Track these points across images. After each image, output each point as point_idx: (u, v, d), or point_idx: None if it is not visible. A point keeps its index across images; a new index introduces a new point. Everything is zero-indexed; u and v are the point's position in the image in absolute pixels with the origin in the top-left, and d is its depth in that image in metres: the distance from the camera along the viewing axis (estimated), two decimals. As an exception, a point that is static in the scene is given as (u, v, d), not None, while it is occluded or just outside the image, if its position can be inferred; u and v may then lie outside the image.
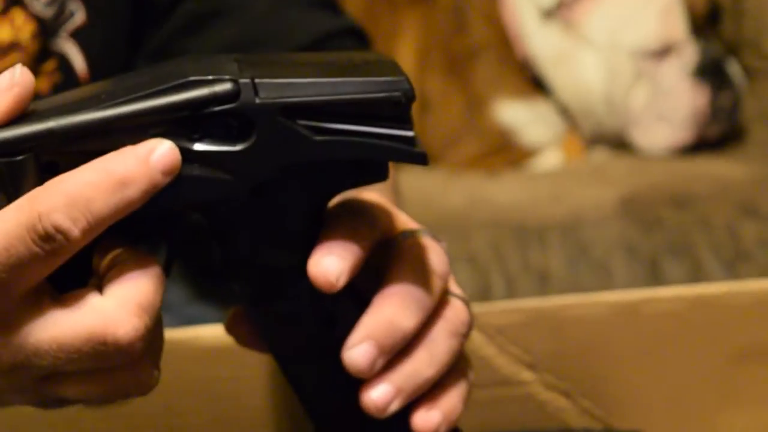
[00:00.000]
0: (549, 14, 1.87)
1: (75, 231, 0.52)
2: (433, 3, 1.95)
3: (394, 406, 0.59)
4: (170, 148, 0.53)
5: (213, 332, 0.85)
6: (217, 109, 0.54)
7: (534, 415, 0.85)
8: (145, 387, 0.57)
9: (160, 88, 0.55)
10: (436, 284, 0.61)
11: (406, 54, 1.90)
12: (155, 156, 0.52)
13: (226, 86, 0.54)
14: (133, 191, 0.52)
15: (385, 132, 0.56)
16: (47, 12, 0.88)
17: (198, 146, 0.54)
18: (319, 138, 0.55)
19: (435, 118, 1.91)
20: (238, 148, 0.55)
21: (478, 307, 0.77)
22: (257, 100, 0.55)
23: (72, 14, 0.91)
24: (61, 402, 0.59)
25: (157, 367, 0.58)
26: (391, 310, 0.59)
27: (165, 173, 0.53)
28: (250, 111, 0.55)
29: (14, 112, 0.54)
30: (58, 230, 0.51)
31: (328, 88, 0.56)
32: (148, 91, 0.55)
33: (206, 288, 1.11)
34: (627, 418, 0.86)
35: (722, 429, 0.89)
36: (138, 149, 0.52)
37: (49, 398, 0.58)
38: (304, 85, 0.56)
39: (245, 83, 0.54)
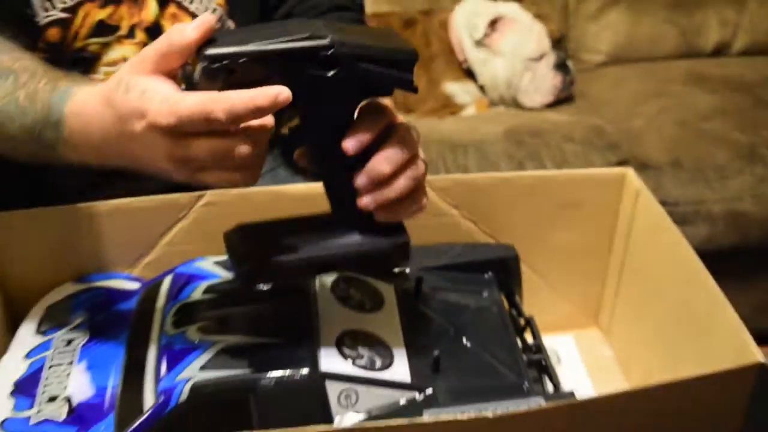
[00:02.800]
0: (478, 42, 2.25)
1: (227, 122, 0.71)
2: (414, 30, 2.27)
3: (372, 206, 0.81)
4: (288, 93, 0.72)
5: (296, 189, 1.05)
6: (321, 53, 0.72)
7: (454, 235, 1.09)
8: (252, 180, 0.77)
9: (295, 37, 0.72)
10: (413, 149, 0.81)
11: (398, 56, 2.13)
12: (281, 97, 0.71)
13: (326, 41, 0.72)
14: (265, 112, 0.72)
15: (401, 75, 0.77)
16: None
17: (309, 71, 0.72)
18: (369, 69, 0.74)
19: (411, 90, 2.17)
20: (329, 74, 0.73)
21: (432, 177, 1.02)
22: (343, 50, 0.72)
23: None
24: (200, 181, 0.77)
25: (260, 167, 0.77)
26: (380, 162, 0.80)
27: (282, 105, 0.71)
28: (338, 55, 0.72)
29: (204, 39, 0.73)
30: (217, 120, 0.70)
31: (379, 51, 0.75)
32: (287, 38, 0.72)
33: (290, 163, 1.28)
34: (506, 239, 1.10)
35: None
36: (273, 90, 0.71)
37: (194, 181, 0.78)
38: (363, 45, 0.74)
39: (337, 40, 0.72)
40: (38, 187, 1.09)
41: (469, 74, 2.28)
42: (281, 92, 0.71)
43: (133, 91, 0.74)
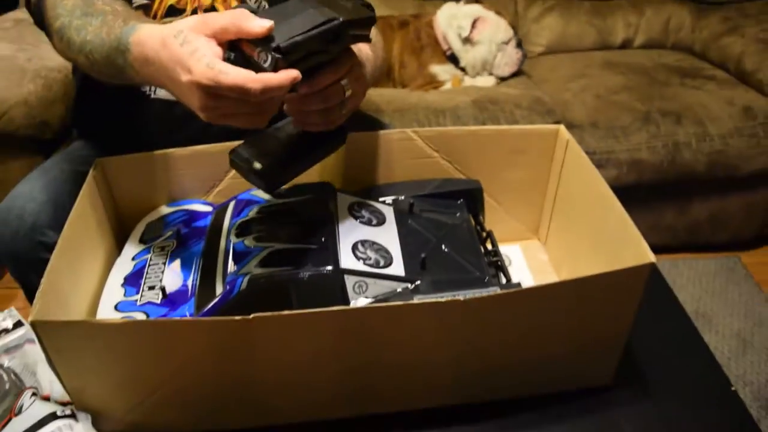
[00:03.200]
0: (464, 39, 2.16)
1: (260, 96, 0.69)
2: (407, 29, 2.18)
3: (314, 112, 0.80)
4: (298, 74, 0.69)
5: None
6: (336, 30, 0.72)
7: (435, 172, 1.05)
8: (265, 122, 0.73)
9: (320, 21, 0.71)
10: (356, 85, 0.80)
11: (395, 47, 2.15)
12: (297, 78, 0.70)
13: (338, 21, 0.72)
14: (286, 89, 0.70)
15: (366, 33, 0.77)
16: None
17: (327, 44, 0.73)
18: (355, 34, 0.75)
19: (406, 71, 2.16)
20: (339, 43, 0.74)
21: (421, 130, 1.02)
22: (346, 25, 0.73)
23: None
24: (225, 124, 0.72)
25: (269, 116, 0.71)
26: (325, 97, 0.78)
27: (294, 80, 0.70)
28: (344, 28, 0.73)
29: (262, 36, 0.69)
30: (254, 94, 0.68)
31: (361, 20, 0.76)
32: (316, 23, 0.71)
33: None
34: (473, 175, 1.06)
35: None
36: (292, 72, 0.69)
37: (219, 122, 0.72)
38: (354, 20, 0.74)
39: (344, 20, 0.73)
40: (138, 135, 1.05)
41: (449, 59, 2.20)
42: (298, 74, 0.69)
43: (187, 46, 0.68)
